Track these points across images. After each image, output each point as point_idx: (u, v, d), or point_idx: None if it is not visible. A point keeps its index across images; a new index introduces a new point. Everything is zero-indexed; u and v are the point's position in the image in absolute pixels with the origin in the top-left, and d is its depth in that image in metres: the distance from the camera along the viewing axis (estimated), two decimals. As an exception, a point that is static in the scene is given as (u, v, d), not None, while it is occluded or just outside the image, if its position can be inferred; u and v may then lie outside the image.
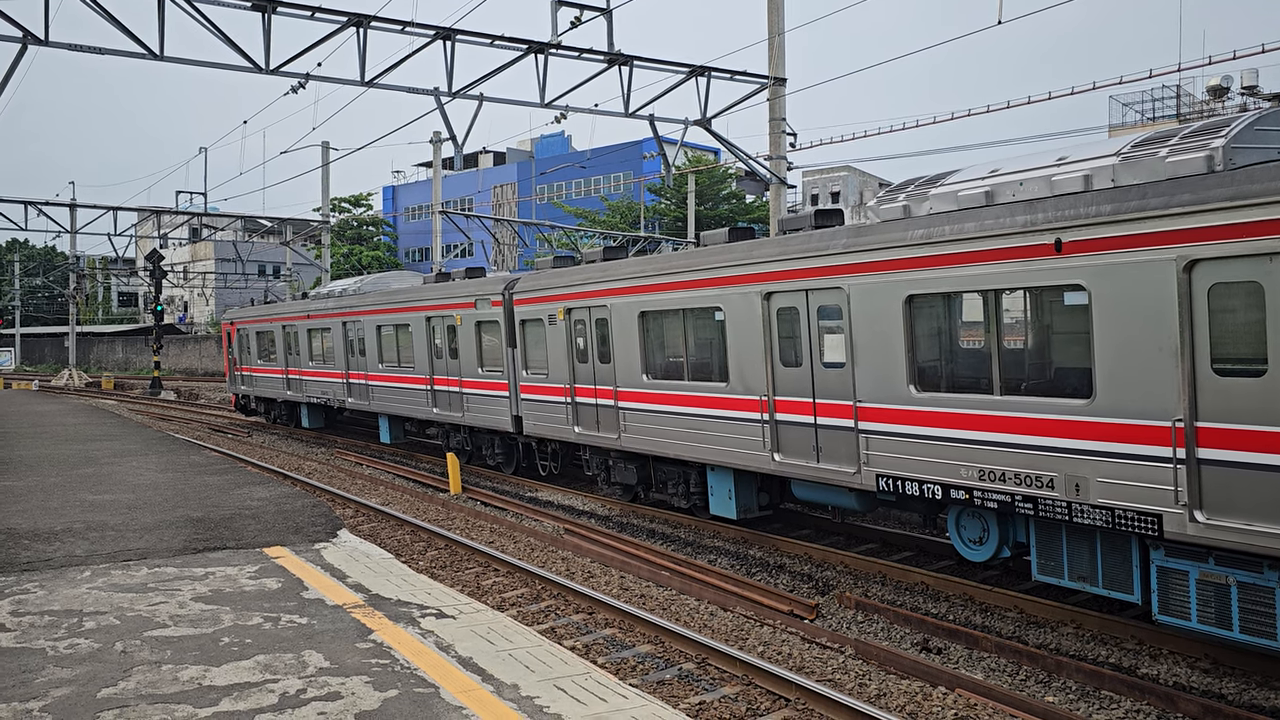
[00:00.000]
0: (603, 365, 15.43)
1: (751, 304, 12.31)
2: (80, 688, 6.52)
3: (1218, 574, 8.00)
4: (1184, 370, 7.91)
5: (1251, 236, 7.44)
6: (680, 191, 51.23)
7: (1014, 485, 9.31)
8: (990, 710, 7.80)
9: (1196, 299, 7.86)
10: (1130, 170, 8.62)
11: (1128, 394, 8.35)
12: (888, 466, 10.63)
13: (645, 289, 14.29)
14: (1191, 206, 7.81)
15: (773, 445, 12.25)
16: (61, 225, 43.32)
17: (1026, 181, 9.35)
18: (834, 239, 11.10)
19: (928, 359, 10.35)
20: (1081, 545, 9.13)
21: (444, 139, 36.85)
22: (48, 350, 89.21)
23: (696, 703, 8.04)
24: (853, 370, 10.97)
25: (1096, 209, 8.50)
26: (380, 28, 19.05)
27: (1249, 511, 7.57)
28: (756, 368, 12.39)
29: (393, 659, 7.08)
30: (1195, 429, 7.89)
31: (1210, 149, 8.14)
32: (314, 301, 27.13)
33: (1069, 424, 8.82)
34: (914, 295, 10.18)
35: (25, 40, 17.26)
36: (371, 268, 71.67)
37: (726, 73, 22.26)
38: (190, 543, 11.29)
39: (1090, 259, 8.53)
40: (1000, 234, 9.23)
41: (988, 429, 9.53)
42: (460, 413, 19.91)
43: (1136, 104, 46.39)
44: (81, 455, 20.17)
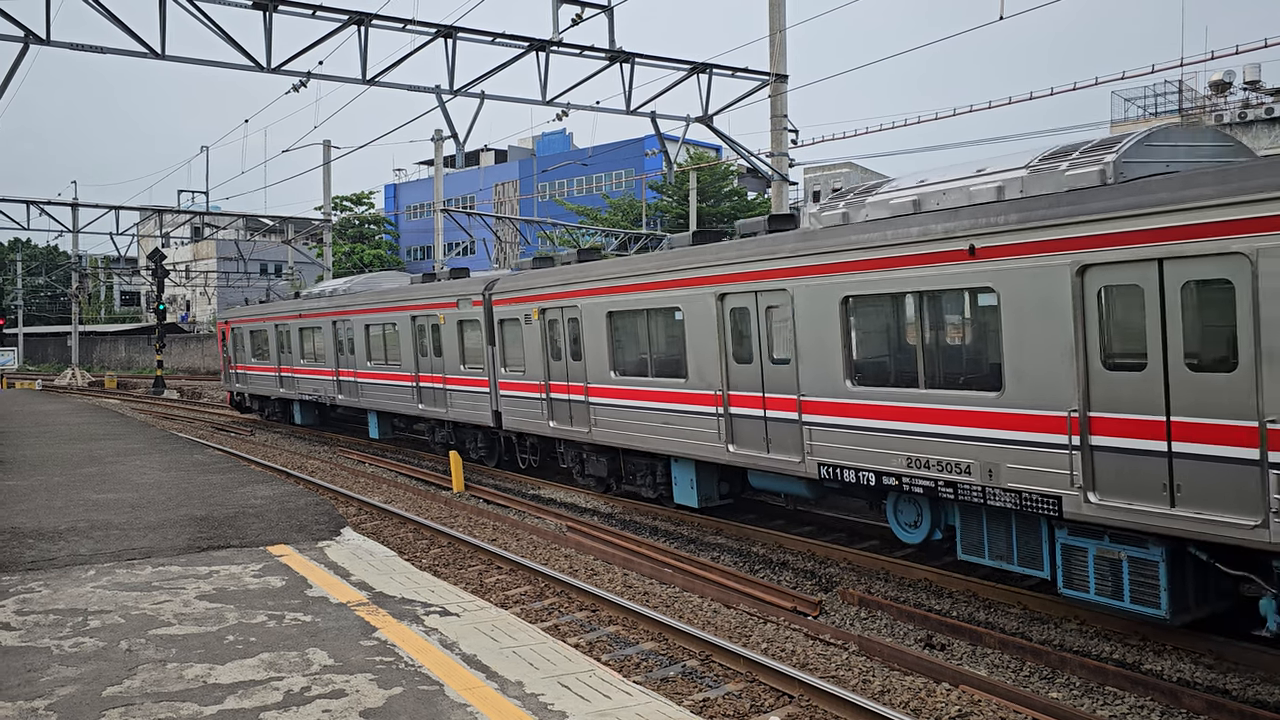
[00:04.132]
0: (575, 363, 16.17)
1: (708, 304, 13.07)
2: (85, 686, 6.53)
3: (1111, 550, 8.83)
4: (1078, 365, 8.71)
5: (1133, 244, 8.22)
6: (682, 189, 51.19)
7: (938, 472, 10.11)
8: (994, 706, 7.80)
9: (1088, 300, 8.66)
10: (1037, 182, 9.35)
11: (1031, 387, 9.12)
12: (828, 456, 11.44)
13: (613, 290, 15.04)
14: (1081, 216, 8.59)
15: (728, 437, 13.02)
16: (64, 225, 43.37)
17: (949, 191, 10.16)
18: (781, 244, 11.85)
19: (862, 356, 11.19)
20: (999, 526, 9.94)
21: (445, 137, 36.84)
22: (50, 350, 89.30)
23: (700, 700, 8.05)
24: (797, 366, 11.74)
25: (1004, 218, 9.28)
26: (381, 26, 19.04)
27: (1134, 492, 8.38)
28: (712, 364, 13.12)
29: (397, 656, 7.09)
30: (1088, 419, 8.70)
31: (1103, 163, 8.88)
32: (306, 301, 27.67)
33: (983, 415, 9.60)
34: (850, 296, 10.99)
35: (27, 39, 17.27)
36: (373, 266, 71.69)
37: (728, 70, 22.24)
38: (194, 541, 11.30)
39: (998, 264, 9.31)
40: (923, 240, 10.01)
41: (915, 420, 10.33)
42: (444, 408, 20.59)
43: (1139, 99, 46.30)
44: (85, 454, 20.19)
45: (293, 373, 28.20)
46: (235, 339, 32.51)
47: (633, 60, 21.10)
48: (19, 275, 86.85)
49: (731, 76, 22.33)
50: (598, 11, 20.07)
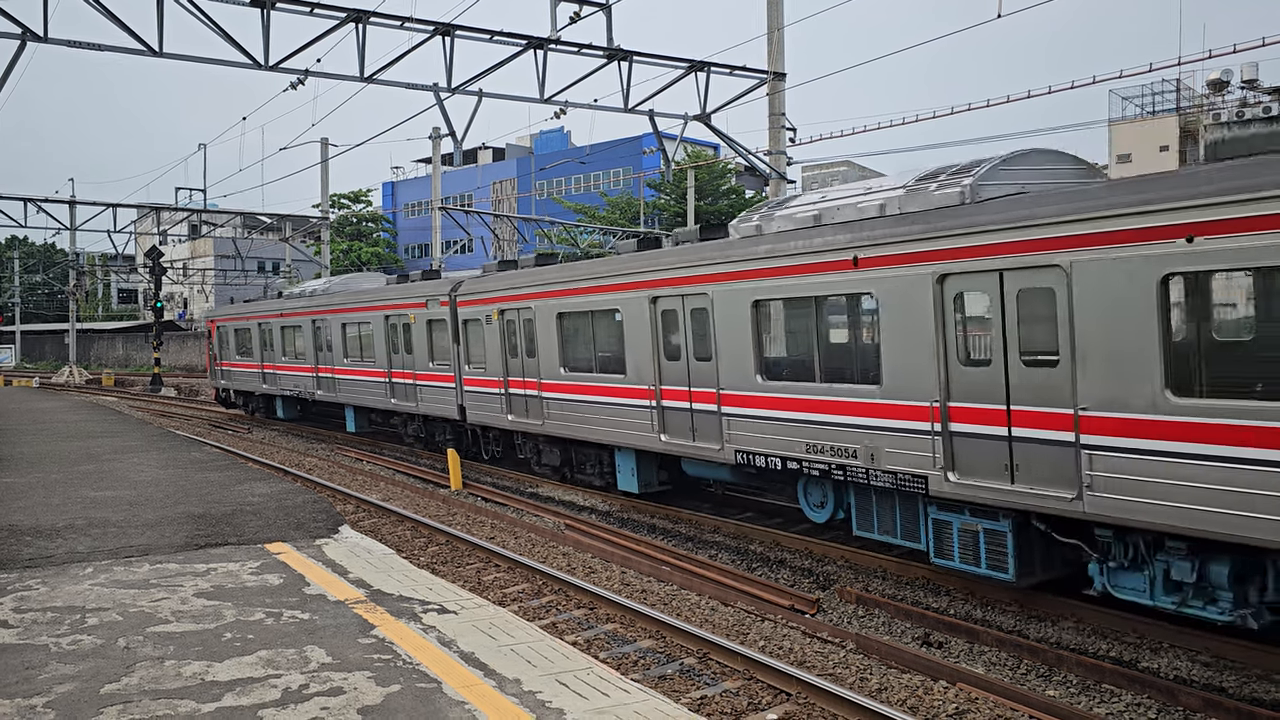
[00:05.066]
0: (530, 360, 17.30)
1: (643, 307, 14.33)
2: (83, 684, 6.53)
3: (971, 523, 10.05)
4: (940, 361, 9.94)
5: (980, 257, 9.44)
6: (680, 187, 51.17)
7: (831, 456, 11.39)
8: (991, 704, 7.82)
9: (947, 305, 9.88)
10: (911, 200, 10.51)
11: (904, 381, 10.35)
12: (743, 443, 12.69)
13: (563, 293, 16.24)
14: (939, 232, 9.82)
15: (660, 427, 14.28)
16: (61, 222, 43.21)
17: (842, 207, 11.37)
18: (704, 253, 13.06)
19: (770, 353, 12.38)
20: (885, 505, 11.19)
21: (443, 135, 36.82)
22: (48, 347, 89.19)
23: (698, 697, 8.06)
24: (717, 363, 12.99)
25: (880, 232, 10.51)
26: (379, 23, 19.03)
27: (983, 472, 9.61)
28: (647, 362, 14.38)
29: (395, 654, 7.09)
30: (948, 408, 9.93)
31: (963, 185, 10.08)
32: (287, 301, 28.64)
33: (866, 405, 10.87)
34: (759, 300, 12.21)
35: (24, 37, 17.24)
36: (371, 264, 71.64)
37: (726, 68, 22.24)
38: (192, 539, 11.30)
39: (876, 272, 10.55)
40: (816, 251, 11.26)
41: (813, 410, 11.59)
42: (414, 403, 21.69)
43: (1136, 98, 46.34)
44: (83, 452, 20.18)
45: (275, 369, 29.16)
46: (221, 337, 33.45)
47: (631, 58, 21.09)
48: (16, 273, 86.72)
49: (729, 74, 22.33)
50: (596, 9, 20.06)
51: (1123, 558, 8.97)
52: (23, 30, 17.18)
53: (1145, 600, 8.81)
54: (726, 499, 16.15)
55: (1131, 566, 8.93)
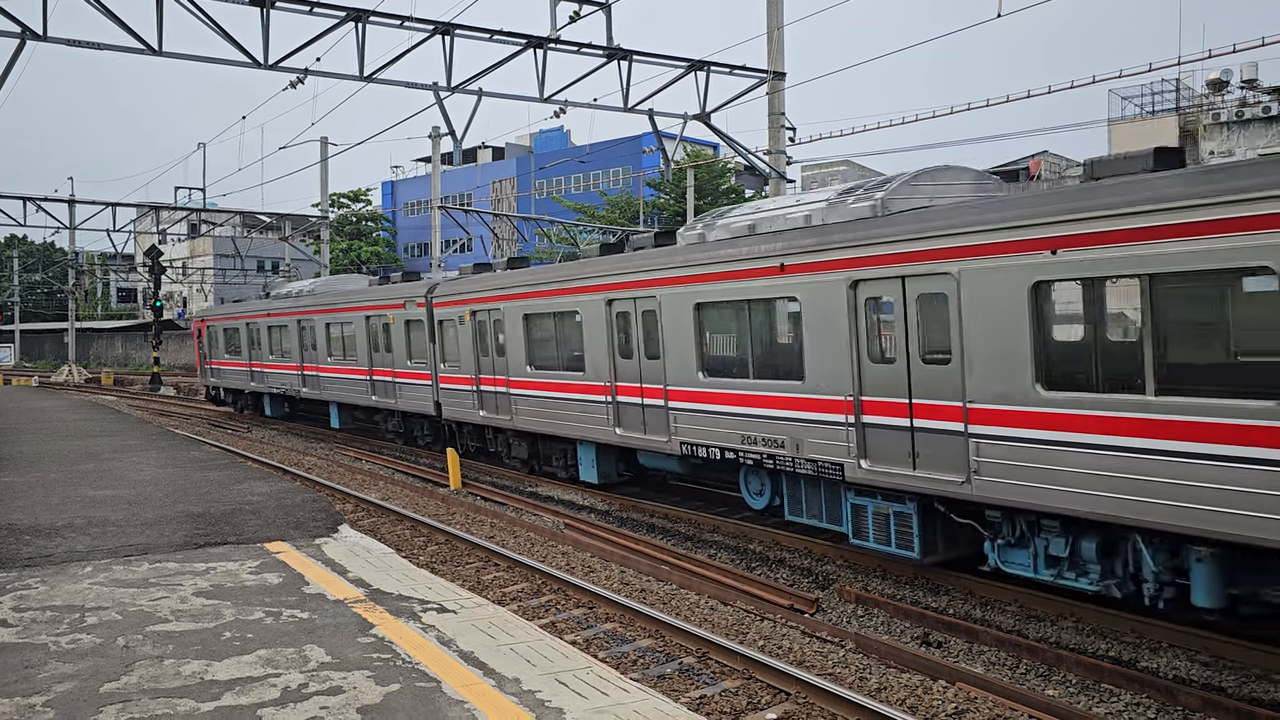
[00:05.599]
0: (499, 358, 18.30)
1: (600, 309, 15.21)
2: (83, 683, 6.53)
3: (883, 506, 11.03)
4: (853, 359, 10.91)
5: (886, 265, 10.40)
6: (680, 186, 51.18)
7: (763, 447, 12.33)
8: (990, 704, 7.82)
9: (859, 309, 10.85)
10: (832, 213, 11.49)
11: (823, 377, 11.34)
12: (687, 436, 13.66)
13: (529, 295, 17.20)
14: (851, 242, 10.84)
15: (615, 421, 15.24)
16: (60, 221, 43.19)
17: (774, 218, 12.34)
18: (653, 259, 14.00)
19: (710, 352, 13.37)
20: (814, 491, 12.19)
21: (443, 134, 36.81)
22: (47, 346, 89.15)
23: (697, 697, 8.06)
24: (664, 361, 13.93)
25: (803, 242, 11.47)
26: (379, 22, 19.03)
27: (891, 459, 10.56)
28: (604, 360, 15.27)
29: (394, 654, 7.09)
30: (860, 402, 10.90)
31: (874, 199, 11.01)
32: (274, 301, 29.71)
33: (792, 399, 11.82)
34: (700, 303, 13.20)
35: (24, 35, 17.24)
36: (370, 263, 71.63)
37: (726, 67, 22.24)
38: (191, 538, 11.30)
39: (800, 278, 11.50)
40: (749, 259, 12.22)
41: (747, 405, 12.54)
42: (394, 399, 22.65)
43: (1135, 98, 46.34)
44: (82, 451, 20.18)
45: (262, 368, 30.13)
46: (210, 336, 34.50)
47: (630, 58, 21.09)
48: (15, 272, 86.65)
49: (729, 74, 22.33)
50: (595, 9, 20.06)
51: (1010, 536, 9.94)
52: (22, 29, 17.17)
53: (1029, 574, 9.77)
54: (684, 490, 17.12)
55: (1018, 544, 9.92)
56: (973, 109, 33.57)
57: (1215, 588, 8.30)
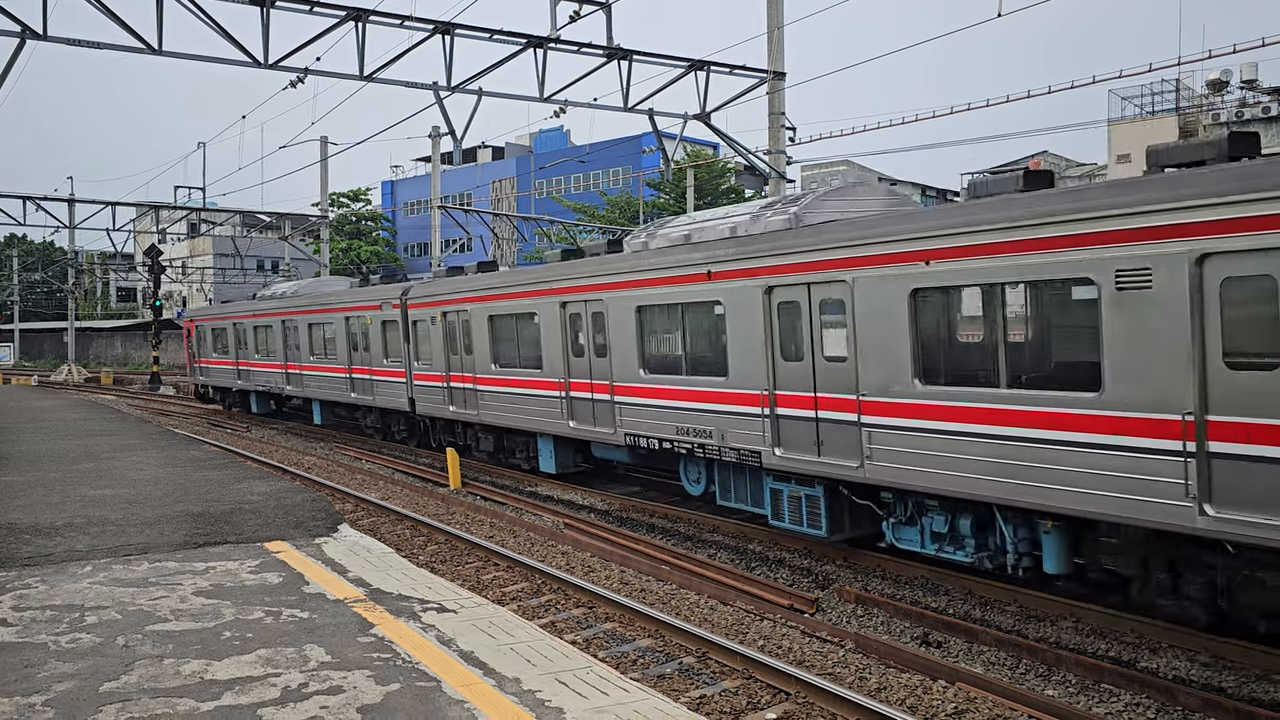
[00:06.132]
0: (467, 357, 19.37)
1: (554, 310, 16.35)
2: (82, 682, 6.53)
3: (796, 490, 12.19)
4: (769, 357, 12.10)
5: (795, 273, 11.53)
6: (679, 186, 51.16)
7: (694, 437, 13.48)
8: (990, 704, 7.82)
9: (772, 312, 11.98)
10: (754, 225, 12.72)
11: (744, 374, 12.47)
12: (631, 428, 14.82)
13: (493, 298, 18.32)
14: (765, 253, 11.97)
15: (569, 415, 16.30)
16: (60, 220, 43.16)
17: (705, 228, 13.63)
18: (602, 265, 15.10)
19: (650, 350, 14.46)
20: (740, 478, 13.38)
21: (443, 134, 36.80)
22: (47, 345, 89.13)
23: (697, 696, 8.06)
24: (610, 359, 15.00)
25: (726, 252, 12.60)
26: (379, 22, 19.03)
27: (800, 447, 11.77)
28: (558, 358, 16.37)
29: (394, 653, 7.09)
30: (774, 395, 12.06)
31: (789, 214, 12.28)
32: (260, 303, 30.91)
33: (718, 394, 12.95)
34: (641, 306, 14.31)
35: (23, 35, 17.23)
36: (370, 263, 71.60)
37: (726, 67, 22.23)
38: (191, 537, 11.30)
39: (724, 284, 12.65)
40: (681, 266, 13.42)
41: (680, 399, 13.72)
42: (372, 396, 23.71)
43: (1135, 98, 46.34)
44: (81, 450, 20.17)
45: (249, 366, 31.17)
46: (199, 336, 35.54)
47: (630, 57, 21.09)
48: (15, 271, 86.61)
49: (729, 74, 22.33)
50: (595, 9, 20.06)
51: (902, 515, 11.15)
52: (22, 28, 17.16)
53: (917, 548, 11.01)
54: (632, 478, 18.50)
55: (909, 523, 11.12)
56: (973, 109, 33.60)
57: (1062, 556, 9.58)
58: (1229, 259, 7.69)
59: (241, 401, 33.76)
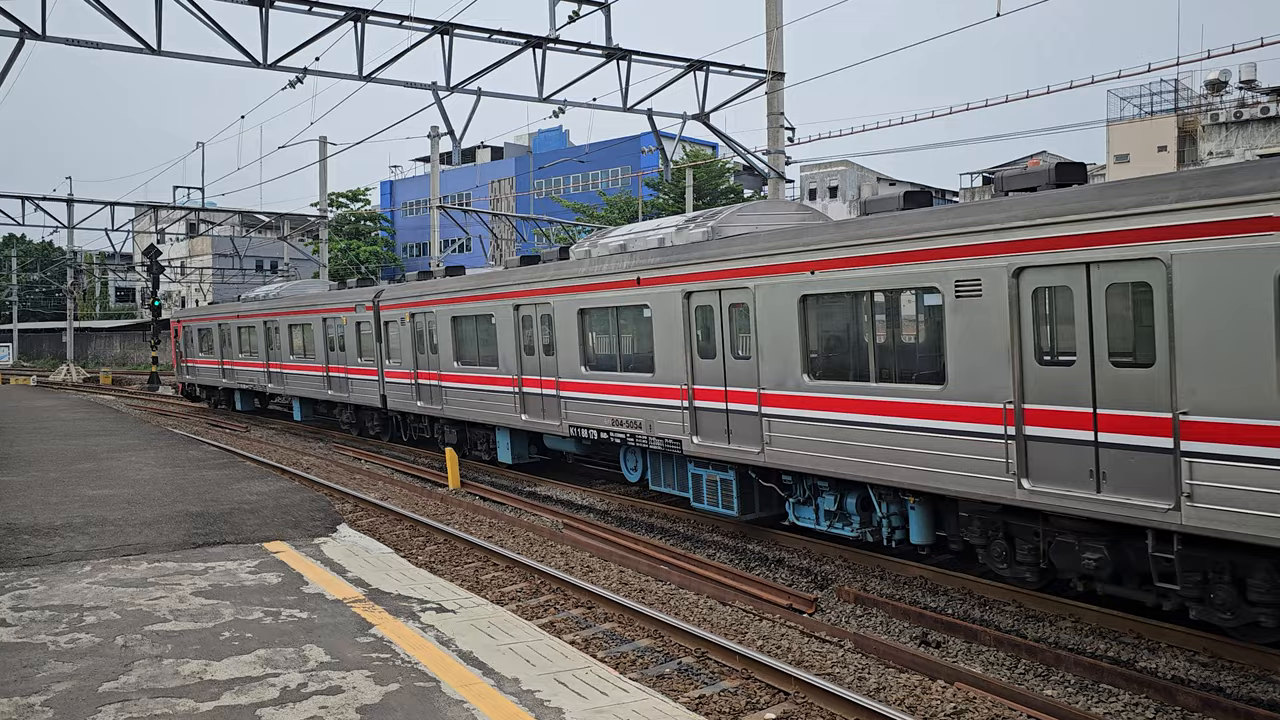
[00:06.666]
0: (433, 355, 20.63)
1: (509, 312, 17.71)
2: (81, 682, 6.53)
3: (713, 475, 13.56)
4: (688, 355, 13.48)
5: (708, 280, 13.00)
6: (678, 186, 51.13)
7: (627, 428, 14.84)
8: (989, 703, 7.82)
9: (690, 314, 13.40)
10: (679, 236, 14.11)
11: (667, 370, 13.86)
12: (574, 420, 16.09)
13: (456, 300, 19.61)
14: (683, 262, 13.45)
15: (521, 409, 17.65)
16: (59, 220, 43.10)
17: (638, 239, 14.99)
18: (550, 271, 16.56)
19: (591, 350, 15.75)
20: (669, 465, 14.68)
21: (442, 134, 36.79)
22: (45, 346, 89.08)
23: (696, 696, 8.06)
24: (557, 357, 16.30)
25: (652, 260, 14.05)
26: (378, 22, 19.01)
27: (714, 436, 13.14)
28: (512, 356, 17.71)
29: (393, 653, 7.09)
30: (693, 390, 13.48)
31: (708, 227, 13.66)
32: (244, 304, 32.35)
33: (646, 388, 14.34)
34: (583, 309, 15.63)
35: (22, 35, 17.22)
36: (369, 263, 71.58)
37: (725, 67, 22.22)
38: (190, 537, 11.30)
39: (651, 290, 14.04)
40: (615, 273, 14.78)
41: (616, 393, 15.01)
42: (347, 393, 25.04)
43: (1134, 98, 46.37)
44: (80, 450, 20.17)
45: (233, 365, 32.41)
46: (186, 336, 36.82)
47: (630, 57, 21.08)
48: (14, 271, 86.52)
49: (728, 74, 22.31)
50: (594, 9, 20.04)
51: (801, 496, 12.46)
52: (21, 28, 17.15)
53: (814, 525, 12.35)
54: (583, 469, 19.75)
55: (806, 502, 12.46)
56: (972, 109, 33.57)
57: (925, 529, 10.96)
58: (1037, 272, 9.12)
59: (226, 399, 34.84)
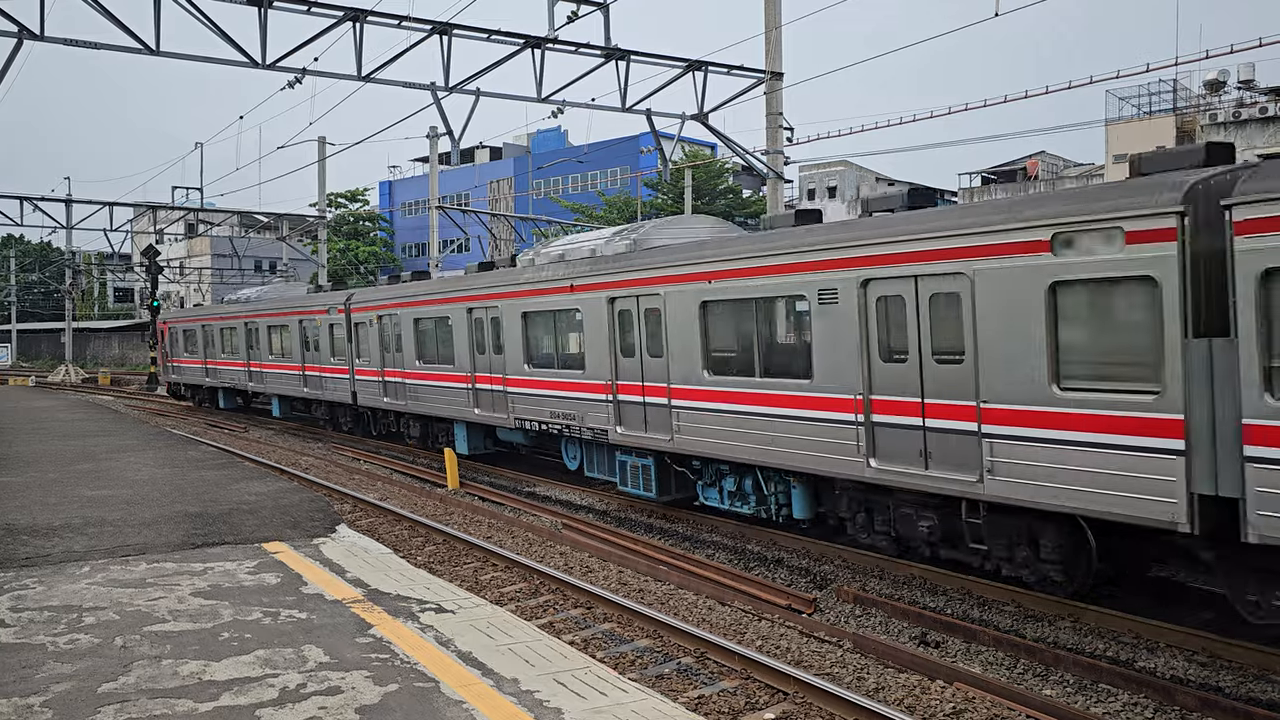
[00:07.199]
0: (398, 354, 22.15)
1: (463, 315, 19.29)
2: (80, 683, 6.53)
3: (635, 461, 15.18)
4: (612, 354, 14.99)
5: (629, 286, 14.54)
6: (677, 186, 51.12)
7: (563, 420, 16.37)
8: (988, 703, 7.82)
9: (615, 317, 14.93)
10: (607, 248, 15.64)
11: (596, 367, 15.39)
12: (519, 413, 17.74)
13: (418, 304, 21.26)
14: (607, 271, 15.03)
15: (474, 403, 19.23)
16: (57, 221, 43.06)
17: (573, 249, 16.59)
18: (499, 278, 18.27)
19: (534, 349, 17.35)
20: (601, 454, 16.29)
21: (440, 134, 36.78)
22: (44, 346, 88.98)
23: (695, 696, 8.06)
24: (504, 355, 17.95)
25: (582, 269, 15.66)
26: (377, 22, 19.01)
27: (633, 425, 14.70)
28: (466, 355, 19.32)
29: (392, 654, 7.09)
30: (616, 385, 14.97)
31: (631, 239, 15.35)
32: (226, 306, 34.33)
33: (579, 384, 15.87)
34: (525, 312, 17.29)
35: (21, 35, 17.21)
36: (368, 263, 71.56)
37: (724, 67, 22.23)
38: (189, 538, 11.29)
39: (581, 295, 15.59)
40: (552, 280, 16.41)
41: (554, 389, 16.61)
42: (321, 391, 26.59)
43: (1133, 98, 46.38)
44: (79, 451, 20.16)
45: (216, 365, 33.92)
46: (171, 337, 38.60)
47: (628, 57, 21.09)
48: (12, 271, 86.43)
49: (727, 74, 22.32)
50: (593, 9, 20.05)
51: (708, 479, 14.11)
52: (19, 28, 17.14)
53: (719, 505, 14.00)
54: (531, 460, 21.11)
55: (712, 485, 14.09)
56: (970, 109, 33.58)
57: (806, 505, 12.61)
58: (880, 283, 10.72)
59: (210, 397, 36.32)
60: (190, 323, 36.38)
